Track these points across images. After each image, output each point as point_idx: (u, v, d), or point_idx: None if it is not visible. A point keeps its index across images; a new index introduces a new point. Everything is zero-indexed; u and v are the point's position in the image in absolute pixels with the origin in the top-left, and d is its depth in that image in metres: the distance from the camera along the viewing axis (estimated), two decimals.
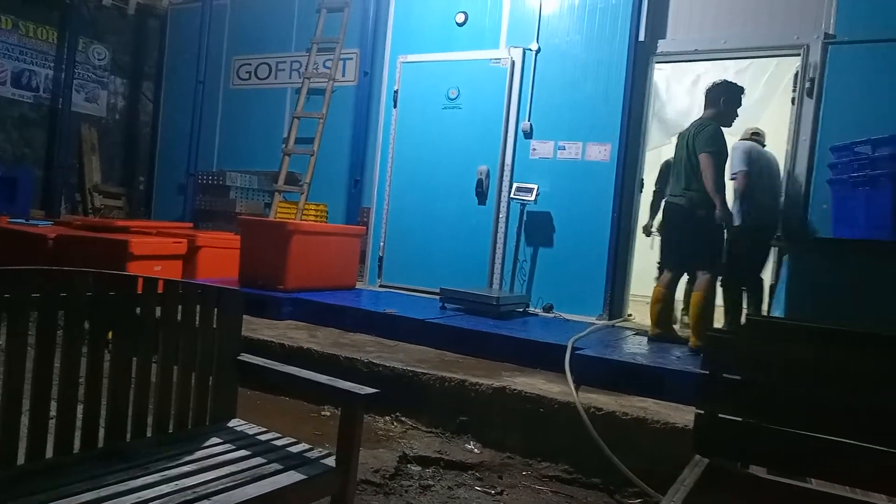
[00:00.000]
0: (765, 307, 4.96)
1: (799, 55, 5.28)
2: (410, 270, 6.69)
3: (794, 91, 5.41)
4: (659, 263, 5.77)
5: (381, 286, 6.86)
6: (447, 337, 4.76)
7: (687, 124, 6.43)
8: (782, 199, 5.26)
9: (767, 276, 5.36)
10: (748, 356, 2.17)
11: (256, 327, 4.96)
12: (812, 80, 5.17)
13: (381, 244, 6.93)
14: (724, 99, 4.71)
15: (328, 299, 5.50)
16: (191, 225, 7.77)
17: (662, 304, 4.81)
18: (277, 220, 7.05)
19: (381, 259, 6.92)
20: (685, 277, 4.99)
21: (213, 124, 8.89)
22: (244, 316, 2.39)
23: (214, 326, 2.31)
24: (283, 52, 8.56)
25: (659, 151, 7.13)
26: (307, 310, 5.39)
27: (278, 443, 2.21)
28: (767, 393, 2.09)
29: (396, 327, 4.96)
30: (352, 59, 7.96)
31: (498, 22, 6.49)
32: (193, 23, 8.86)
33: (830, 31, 5.19)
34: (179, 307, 2.22)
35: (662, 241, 5.22)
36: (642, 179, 6.00)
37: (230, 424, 2.35)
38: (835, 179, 3.83)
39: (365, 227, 6.99)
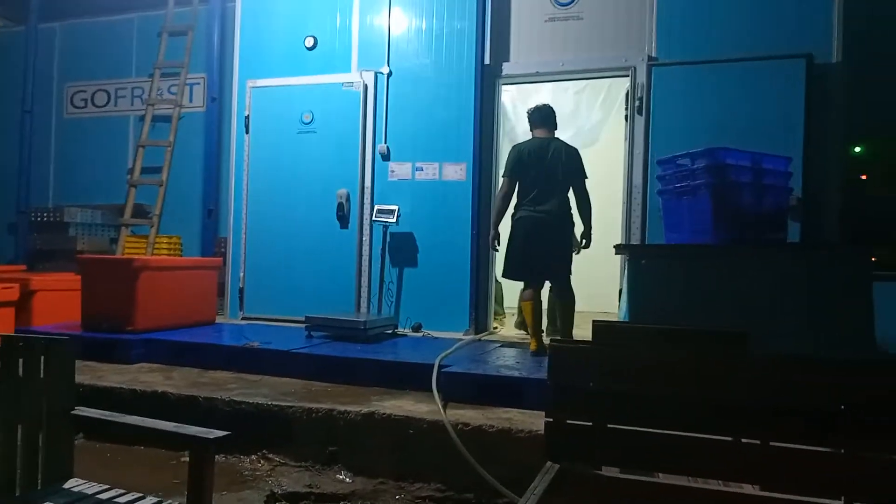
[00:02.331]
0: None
1: (628, 76, 5.75)
2: (274, 300, 6.49)
3: (626, 109, 5.87)
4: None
5: (243, 319, 6.59)
6: (314, 366, 4.66)
7: None
8: None
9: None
10: (591, 361, 2.30)
11: (103, 373, 4.60)
12: (640, 99, 5.65)
13: (241, 275, 6.67)
14: (553, 119, 5.02)
15: (184, 337, 5.21)
16: (23, 267, 7.07)
17: (538, 317, 4.91)
18: (122, 256, 6.60)
19: (241, 290, 6.66)
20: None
21: (45, 156, 8.19)
22: (90, 363, 2.21)
23: (41, 378, 2.11)
24: (122, 77, 8.07)
25: None
26: (162, 350, 5.06)
27: (122, 500, 2.05)
28: (610, 396, 2.22)
29: (260, 361, 4.78)
30: (199, 84, 7.67)
31: (348, 46, 6.52)
32: (17, 47, 8.13)
33: (653, 54, 5.70)
34: None
35: (524, 254, 4.84)
36: None
37: (67, 486, 2.15)
38: (663, 190, 4.19)
39: (222, 259, 6.69)
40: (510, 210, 4.99)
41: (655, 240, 5.40)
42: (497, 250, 5.26)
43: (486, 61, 6.12)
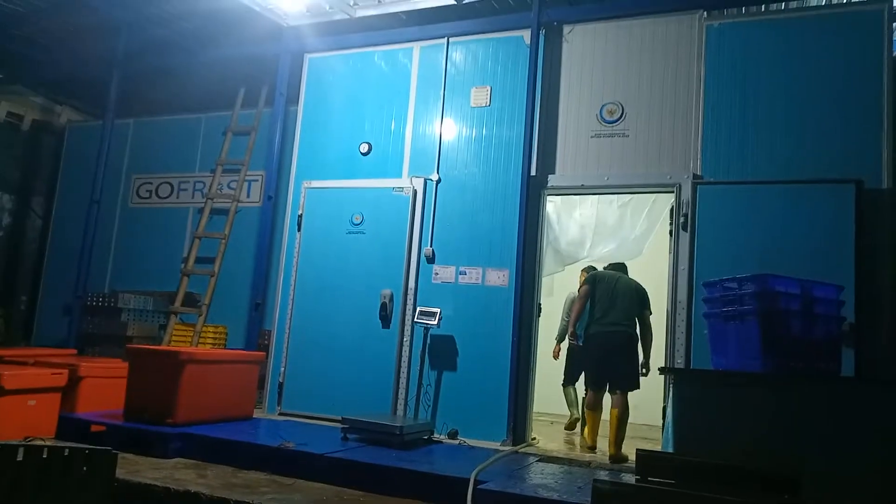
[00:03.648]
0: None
1: (673, 192, 5.82)
2: (312, 397, 6.50)
3: (671, 224, 5.91)
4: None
5: (280, 414, 6.59)
6: (348, 472, 4.60)
7: (577, 253, 6.87)
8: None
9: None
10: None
11: (140, 468, 4.62)
12: (686, 216, 5.68)
13: (282, 369, 6.73)
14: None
15: (221, 433, 5.22)
16: (74, 351, 7.28)
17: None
18: (168, 347, 6.74)
19: (281, 385, 6.70)
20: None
21: (107, 243, 8.58)
22: (128, 455, 2.23)
23: (78, 490, 2.15)
24: (186, 171, 8.53)
25: (552, 278, 7.50)
26: (198, 446, 5.08)
27: None
28: None
29: (294, 463, 4.75)
30: (257, 181, 8.04)
31: (401, 152, 6.81)
32: (92, 140, 8.73)
33: (698, 172, 5.78)
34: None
35: (594, 363, 5.92)
36: (539, 304, 6.24)
37: None
38: (709, 313, 4.14)
39: (265, 353, 6.79)
40: None
41: (699, 359, 5.28)
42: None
43: (533, 172, 6.29)
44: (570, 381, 7.26)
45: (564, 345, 7.12)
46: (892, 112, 5.22)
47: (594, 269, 6.88)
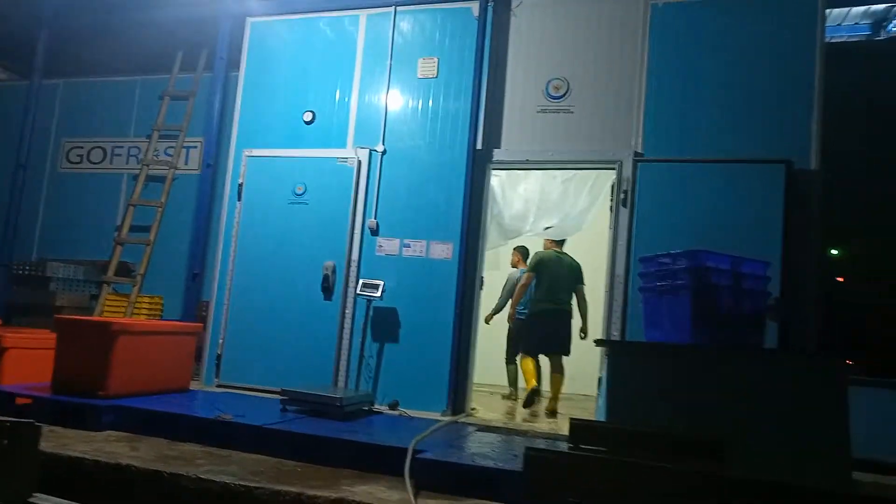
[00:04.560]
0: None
1: (615, 169, 5.92)
2: (252, 369, 6.41)
3: (612, 200, 6.02)
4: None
5: (218, 386, 6.48)
6: (287, 444, 4.55)
7: (521, 227, 6.95)
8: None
9: None
10: (566, 470, 2.30)
11: (69, 441, 4.47)
12: (626, 192, 5.79)
13: (221, 341, 6.60)
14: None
15: (156, 405, 5.09)
16: None
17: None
18: (99, 318, 6.52)
19: (219, 357, 6.57)
20: None
21: (34, 209, 8.20)
22: (56, 428, 2.15)
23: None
24: (120, 136, 8.20)
25: (496, 252, 7.57)
26: (131, 418, 4.94)
27: None
28: None
29: (231, 435, 4.67)
30: (196, 148, 7.80)
31: (346, 122, 6.69)
32: (18, 101, 8.27)
33: (639, 150, 5.89)
34: None
35: (532, 333, 6.85)
36: (482, 277, 6.29)
37: None
38: (644, 287, 4.25)
39: (202, 324, 6.63)
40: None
41: (635, 332, 5.43)
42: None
43: (479, 146, 6.29)
44: (512, 359, 7.42)
45: (501, 323, 7.47)
46: (822, 96, 5.42)
47: (525, 248, 7.33)
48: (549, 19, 6.37)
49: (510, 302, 7.33)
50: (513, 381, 7.60)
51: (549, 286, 6.74)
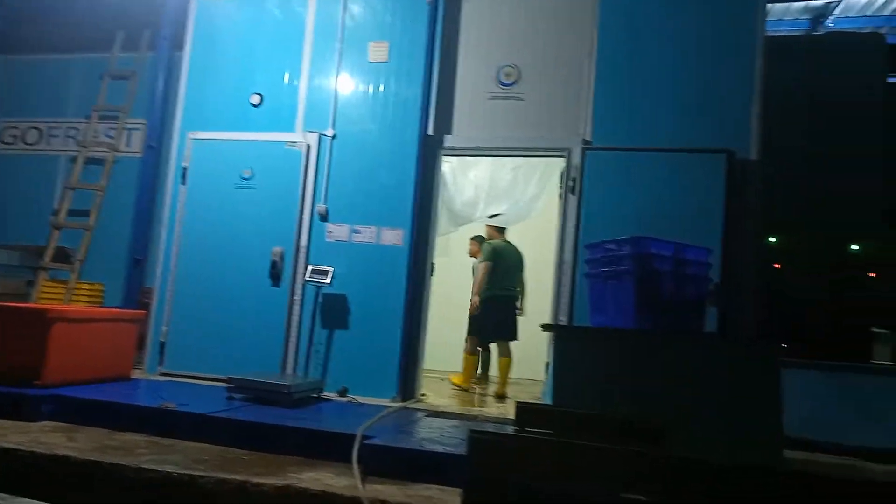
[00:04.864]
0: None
1: (564, 157, 5.98)
2: (197, 357, 6.27)
3: (560, 188, 6.09)
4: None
5: (162, 374, 6.33)
6: (232, 432, 4.48)
7: (471, 214, 6.99)
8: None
9: None
10: (507, 453, 2.32)
11: (4, 432, 4.30)
12: (574, 180, 5.87)
13: (165, 328, 6.44)
14: None
15: (95, 394, 4.95)
16: None
17: None
18: (35, 305, 6.28)
19: (163, 345, 6.41)
20: None
21: None
22: None
23: None
24: (57, 116, 7.87)
25: (448, 238, 7.58)
26: (69, 408, 4.78)
27: None
28: (525, 487, 2.23)
29: (175, 423, 4.57)
30: (138, 129, 7.55)
31: (294, 106, 6.56)
32: None
33: (588, 139, 5.96)
34: None
35: (487, 318, 6.98)
36: (433, 263, 6.30)
37: None
38: (590, 273, 4.33)
39: (145, 311, 6.45)
40: None
41: (583, 317, 5.52)
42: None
43: (430, 132, 6.27)
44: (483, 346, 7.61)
45: (454, 309, 7.63)
46: (762, 88, 5.58)
47: (482, 238, 7.35)
48: (500, 6, 6.37)
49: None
50: (484, 366, 7.78)
51: (502, 274, 6.98)
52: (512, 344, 6.95)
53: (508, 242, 7.21)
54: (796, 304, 5.40)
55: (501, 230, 7.25)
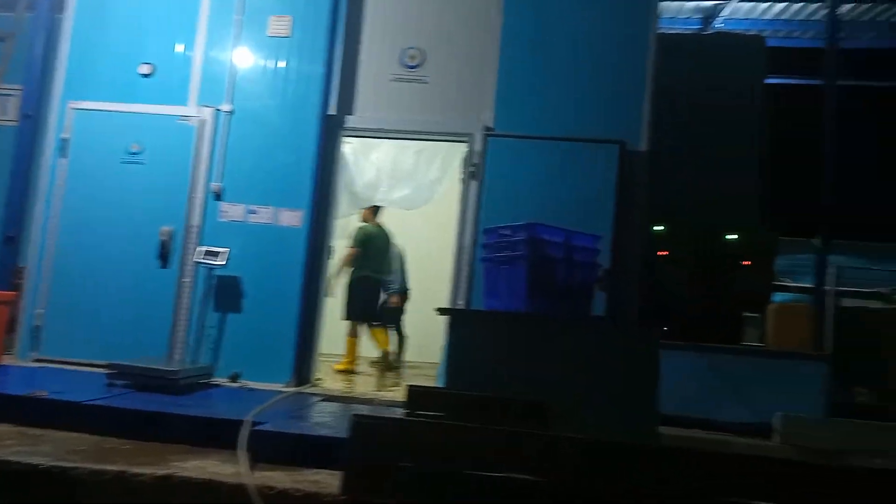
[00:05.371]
0: None
1: (466, 142, 6.02)
2: (77, 341, 5.88)
3: (462, 173, 6.13)
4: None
5: (36, 360, 5.90)
6: (111, 420, 4.25)
7: (372, 196, 6.93)
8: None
9: None
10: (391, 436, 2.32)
11: None
12: (475, 165, 5.92)
13: (40, 311, 6.00)
14: None
15: None
16: None
17: None
18: None
19: (37, 328, 5.97)
20: None
21: None
22: None
23: None
24: None
25: (348, 220, 7.49)
26: None
27: None
28: (406, 471, 2.24)
29: (48, 413, 4.28)
30: (13, 96, 6.94)
31: (187, 78, 6.24)
32: None
33: (490, 125, 6.02)
34: None
35: (356, 298, 7.27)
36: (331, 246, 6.21)
37: None
38: (486, 257, 4.40)
39: (17, 293, 5.99)
40: None
41: (480, 302, 5.61)
42: None
43: (332, 111, 6.14)
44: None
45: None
46: (652, 83, 5.82)
47: (378, 208, 7.53)
48: None
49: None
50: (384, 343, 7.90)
51: (373, 258, 7.30)
52: (413, 325, 7.03)
53: (380, 226, 7.47)
54: (677, 290, 5.71)
55: (376, 211, 7.45)
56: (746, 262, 5.82)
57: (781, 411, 4.59)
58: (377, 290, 7.44)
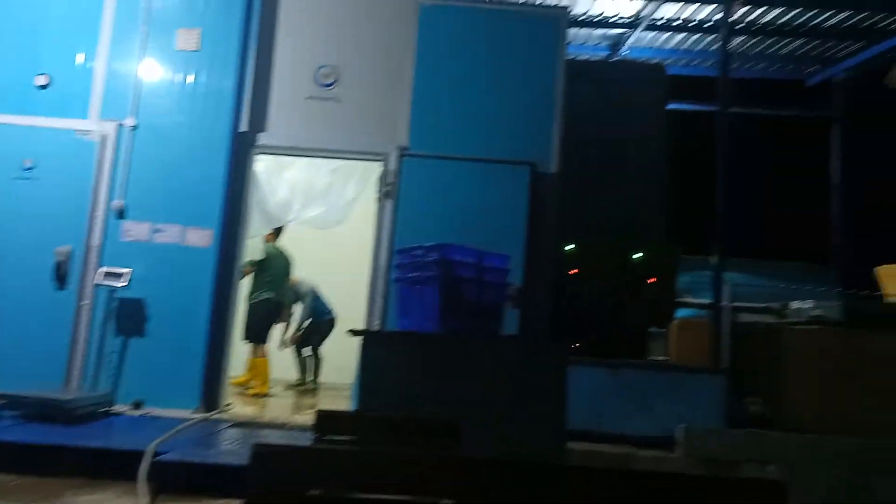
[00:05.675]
0: None
1: (381, 161, 6.02)
2: None
3: (377, 192, 6.12)
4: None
5: None
6: (0, 455, 3.97)
7: (285, 215, 6.82)
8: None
9: None
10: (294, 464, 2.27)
11: None
12: (391, 185, 5.93)
13: None
14: None
15: None
16: None
17: None
18: None
19: None
20: None
21: None
22: None
23: None
24: None
25: (260, 240, 7.33)
26: None
27: None
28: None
29: None
30: None
31: (88, 91, 5.96)
32: None
33: (405, 144, 6.05)
34: None
35: (259, 319, 7.23)
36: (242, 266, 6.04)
37: None
38: (399, 277, 4.40)
39: None
40: None
41: (395, 322, 5.60)
42: None
43: (243, 128, 6.01)
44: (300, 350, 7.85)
45: None
46: (561, 106, 6.03)
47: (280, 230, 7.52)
48: (322, 4, 6.28)
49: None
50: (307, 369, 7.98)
51: (271, 279, 7.24)
52: (333, 347, 6.97)
53: (280, 249, 7.43)
54: (587, 307, 5.89)
55: (277, 233, 7.41)
56: (652, 280, 6.07)
57: (684, 424, 4.80)
58: (277, 312, 7.39)
